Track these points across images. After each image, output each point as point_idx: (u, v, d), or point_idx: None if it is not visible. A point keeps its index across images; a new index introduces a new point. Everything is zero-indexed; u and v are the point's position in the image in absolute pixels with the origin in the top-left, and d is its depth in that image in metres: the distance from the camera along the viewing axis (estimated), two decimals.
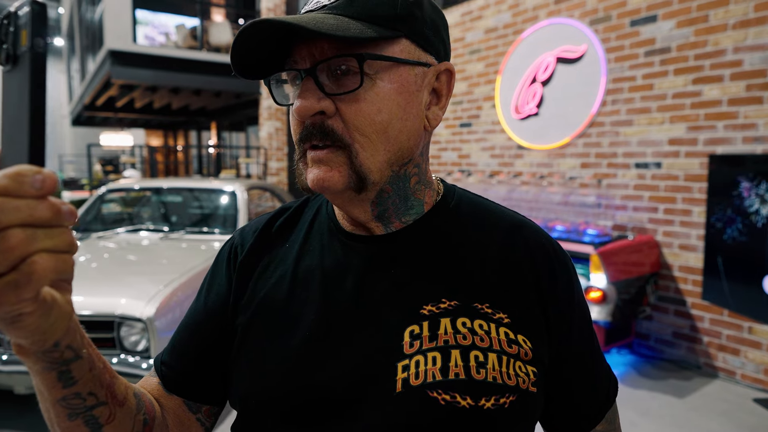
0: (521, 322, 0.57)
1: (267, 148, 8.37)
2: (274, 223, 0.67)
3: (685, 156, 3.26)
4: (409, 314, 0.56)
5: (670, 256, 3.36)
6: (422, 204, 0.61)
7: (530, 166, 4.27)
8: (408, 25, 0.53)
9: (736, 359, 3.06)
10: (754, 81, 2.91)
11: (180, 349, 0.65)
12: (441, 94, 0.59)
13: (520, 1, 4.36)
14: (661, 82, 3.36)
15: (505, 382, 0.53)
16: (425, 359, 0.53)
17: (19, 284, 0.32)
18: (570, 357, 0.61)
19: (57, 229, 0.34)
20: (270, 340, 0.59)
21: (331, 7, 0.52)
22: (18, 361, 2.41)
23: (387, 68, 0.52)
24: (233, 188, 4.04)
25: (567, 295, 0.61)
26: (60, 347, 0.42)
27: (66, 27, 16.06)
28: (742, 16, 2.95)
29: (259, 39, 0.52)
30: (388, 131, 0.53)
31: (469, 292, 0.57)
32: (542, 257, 0.61)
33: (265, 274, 0.63)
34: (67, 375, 0.44)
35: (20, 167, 0.33)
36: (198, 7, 8.98)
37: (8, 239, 0.31)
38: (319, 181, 0.53)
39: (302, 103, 0.52)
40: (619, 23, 3.59)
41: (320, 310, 0.57)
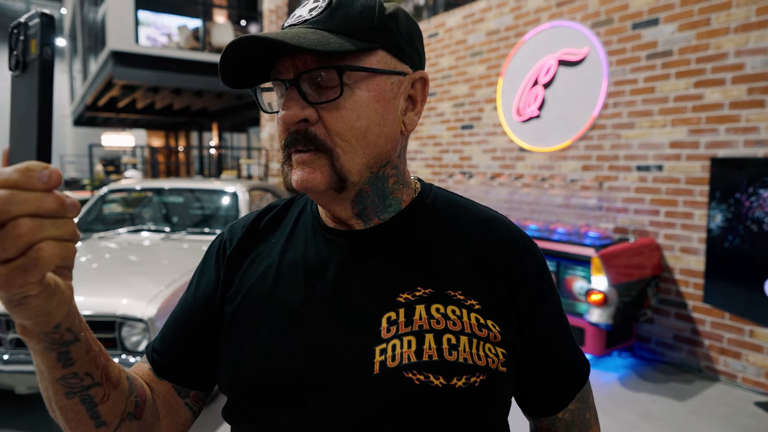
0: (491, 308, 0.61)
1: (268, 149, 8.37)
2: (261, 220, 0.72)
3: (686, 159, 3.26)
4: (386, 302, 0.60)
5: (672, 259, 3.36)
6: (400, 202, 0.66)
7: (531, 168, 4.28)
8: (384, 37, 0.58)
9: (738, 362, 3.06)
10: (756, 84, 2.91)
11: (170, 337, 0.69)
12: (416, 100, 0.63)
13: (522, 3, 4.36)
14: (663, 85, 3.36)
15: (476, 363, 0.57)
16: (401, 343, 0.57)
17: (27, 268, 0.35)
18: (541, 342, 0.66)
19: (61, 220, 0.37)
20: (253, 328, 0.62)
21: (312, 22, 0.57)
22: (19, 361, 2.42)
23: (365, 78, 0.57)
24: (234, 189, 4.05)
25: (537, 284, 0.66)
26: (60, 329, 0.45)
27: (68, 27, 16.09)
28: (743, 20, 2.95)
29: (245, 53, 0.56)
30: (367, 136, 0.58)
31: (443, 281, 0.61)
32: (512, 249, 0.66)
33: (252, 266, 0.67)
34: (66, 356, 0.48)
35: (29, 163, 0.36)
36: (200, 8, 9.00)
37: (18, 227, 0.34)
38: (303, 182, 0.58)
39: (287, 112, 0.56)
40: (621, 26, 3.59)
41: (302, 300, 0.62)
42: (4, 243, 0.34)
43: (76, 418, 0.54)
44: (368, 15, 0.57)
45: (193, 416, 0.70)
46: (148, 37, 8.71)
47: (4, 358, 2.42)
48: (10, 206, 0.34)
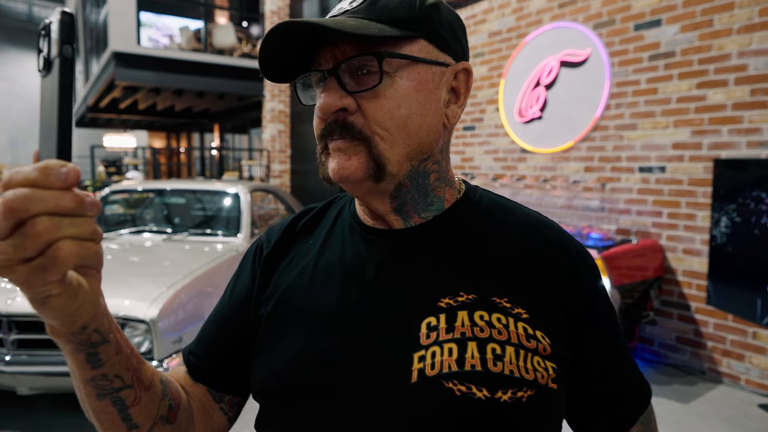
0: (540, 318, 0.57)
1: (270, 151, 8.38)
2: (299, 221, 0.70)
3: (689, 160, 3.25)
4: (426, 306, 0.57)
5: (674, 261, 3.35)
6: (442, 201, 0.63)
7: (534, 169, 4.27)
8: (425, 27, 0.56)
9: (741, 364, 3.05)
10: (759, 86, 2.91)
11: (206, 340, 0.68)
12: (459, 92, 0.61)
13: (524, 5, 4.36)
14: (666, 87, 3.35)
15: (523, 376, 0.53)
16: (441, 350, 0.54)
17: (46, 267, 0.35)
18: (597, 359, 0.61)
19: (80, 219, 0.36)
20: (288, 331, 0.61)
21: (352, 12, 0.56)
22: (21, 362, 2.42)
23: (405, 66, 0.55)
24: (236, 190, 4.05)
25: (590, 296, 0.61)
26: (88, 330, 0.45)
27: None
28: (746, 21, 2.94)
29: (284, 43, 0.55)
30: (408, 126, 0.55)
31: (488, 287, 0.58)
32: (563, 258, 0.61)
33: (288, 268, 0.65)
34: (95, 357, 0.48)
35: (48, 161, 0.36)
36: (202, 10, 9.01)
37: (36, 226, 0.34)
38: (339, 170, 0.56)
39: (325, 100, 0.55)
40: (623, 27, 3.59)
41: (338, 302, 0.59)
42: (24, 242, 0.34)
43: (108, 420, 0.54)
44: (409, 4, 0.56)
45: (228, 422, 0.68)
46: (150, 39, 8.72)
47: (6, 359, 2.42)
48: (29, 204, 0.34)
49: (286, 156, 8.48)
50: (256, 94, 8.48)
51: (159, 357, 2.41)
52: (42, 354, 2.44)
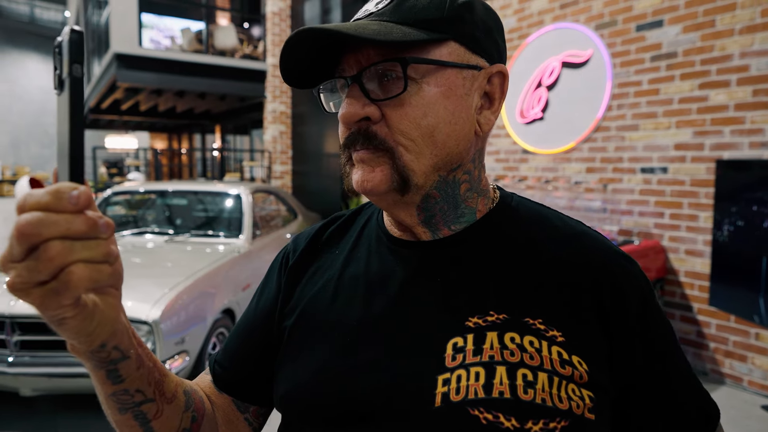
0: (577, 342, 0.52)
1: (271, 152, 8.38)
2: (326, 230, 0.68)
3: (691, 161, 3.25)
4: (453, 325, 0.53)
5: (676, 262, 3.34)
6: (474, 212, 0.59)
7: (535, 170, 4.27)
8: (456, 28, 0.53)
9: (743, 366, 3.04)
10: (761, 86, 2.90)
11: (232, 350, 0.67)
12: (493, 97, 0.57)
13: (526, 5, 4.36)
14: (668, 87, 3.35)
15: (556, 406, 0.48)
16: (467, 374, 0.50)
17: (59, 291, 0.35)
18: (649, 385, 0.54)
19: (93, 242, 0.36)
20: (309, 345, 0.59)
21: (377, 14, 0.53)
22: (24, 363, 2.42)
23: (433, 72, 0.52)
24: (238, 191, 4.05)
25: (639, 315, 0.54)
26: (107, 348, 0.45)
27: None
28: (748, 21, 2.94)
29: (305, 47, 0.53)
30: (435, 135, 0.52)
31: (521, 306, 0.53)
32: (606, 273, 0.55)
33: (313, 279, 0.64)
34: (115, 373, 0.47)
35: (59, 185, 0.36)
36: (203, 11, 9.02)
37: (48, 250, 0.34)
38: (363, 182, 0.54)
39: (347, 109, 0.53)
40: (625, 28, 3.59)
41: (361, 317, 0.57)
42: (38, 266, 0.34)
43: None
44: (438, 4, 0.52)
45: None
46: (152, 40, 8.73)
47: (9, 360, 2.42)
48: (41, 229, 0.34)
49: (288, 157, 8.49)
50: (257, 96, 8.49)
51: (161, 358, 2.41)
52: (44, 355, 2.45)
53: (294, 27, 8.19)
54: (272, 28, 8.21)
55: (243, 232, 3.72)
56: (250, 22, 10.42)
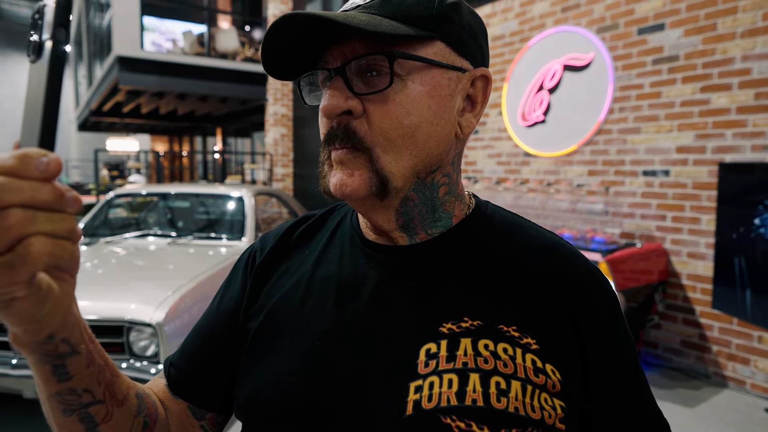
0: (551, 350, 0.52)
1: (273, 154, 8.39)
2: (296, 229, 0.66)
3: (693, 164, 3.26)
4: (426, 331, 0.52)
5: (679, 264, 3.35)
6: (451, 217, 0.58)
7: (537, 173, 4.27)
8: (444, 27, 0.52)
9: (746, 368, 3.04)
10: (763, 89, 2.91)
11: (189, 351, 0.64)
12: (476, 100, 0.57)
13: (527, 9, 4.38)
14: (669, 90, 3.36)
15: (529, 415, 0.48)
16: (440, 381, 0.49)
17: (14, 265, 0.31)
18: (609, 398, 0.55)
19: (58, 214, 0.33)
20: (275, 348, 0.56)
21: (365, 7, 0.52)
22: (27, 365, 2.42)
23: (419, 69, 0.51)
24: (241, 194, 4.06)
25: (607, 327, 0.55)
26: (55, 340, 0.40)
27: (74, 33, 16.21)
28: (750, 25, 2.95)
29: (289, 35, 0.51)
30: (416, 135, 0.51)
31: (495, 313, 0.53)
32: (579, 283, 0.56)
33: (281, 280, 0.61)
34: (62, 369, 0.43)
35: (27, 149, 0.32)
36: (205, 14, 9.05)
37: (7, 218, 0.30)
38: (341, 186, 0.52)
39: (329, 101, 0.51)
40: (627, 31, 3.60)
41: (332, 320, 0.55)
42: None
43: None
44: (427, 2, 0.51)
45: None
46: (153, 43, 8.75)
47: (12, 362, 2.42)
48: (2, 194, 0.30)
49: (289, 159, 8.50)
50: (258, 98, 8.50)
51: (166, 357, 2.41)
52: None
53: None
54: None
55: (246, 235, 3.73)
56: (251, 25, 10.45)
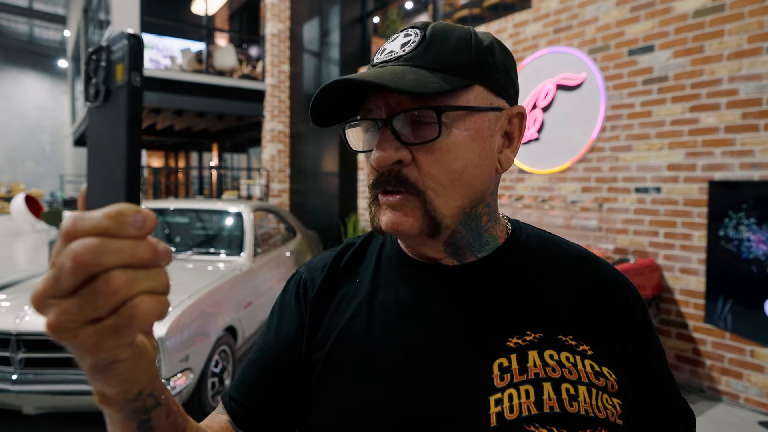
0: (604, 354, 0.57)
1: (269, 170, 8.45)
2: (341, 258, 0.67)
3: (684, 181, 3.33)
4: (495, 347, 0.55)
5: (672, 280, 3.40)
6: (496, 239, 0.62)
7: (532, 189, 4.34)
8: (481, 72, 0.55)
9: (739, 383, 3.08)
10: (750, 109, 3.00)
11: (250, 384, 0.64)
12: (513, 136, 0.60)
13: (521, 30, 4.49)
14: (659, 110, 3.45)
15: (597, 415, 0.53)
16: (518, 392, 0.53)
17: (120, 328, 0.31)
18: (651, 391, 0.61)
19: (155, 270, 0.32)
20: (352, 375, 0.58)
21: (406, 59, 0.54)
22: (27, 381, 2.42)
23: (462, 117, 0.54)
24: (239, 209, 4.09)
25: (644, 330, 0.61)
26: (143, 395, 0.40)
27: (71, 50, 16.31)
28: (736, 48, 3.06)
29: (337, 95, 0.54)
30: (463, 178, 0.55)
31: (552, 324, 0.57)
32: (617, 292, 0.62)
33: (339, 309, 0.63)
34: (147, 424, 0.43)
35: (120, 206, 0.31)
36: (203, 32, 9.17)
37: (111, 282, 0.29)
38: (393, 224, 0.55)
39: (381, 153, 0.53)
40: (618, 53, 3.70)
41: (402, 344, 0.57)
42: (95, 300, 0.29)
43: None
44: (465, 48, 0.54)
45: None
46: (151, 60, 8.85)
47: (13, 378, 2.43)
48: (102, 257, 0.29)
49: (286, 175, 8.55)
50: (255, 115, 8.59)
51: (166, 375, 2.42)
52: (48, 373, 2.45)
53: (293, 48, 8.34)
54: (271, 49, 8.36)
55: (245, 250, 3.76)
56: (249, 43, 10.58)
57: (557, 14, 4.16)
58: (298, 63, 8.15)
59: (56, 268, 0.30)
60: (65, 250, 0.30)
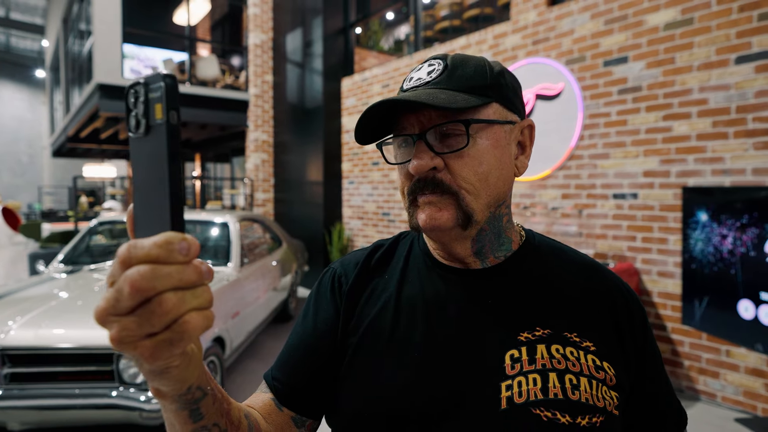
0: (605, 351, 0.64)
1: (254, 180, 8.44)
2: (372, 257, 0.76)
3: (659, 187, 3.45)
4: (507, 340, 0.63)
5: (649, 283, 3.50)
6: (511, 242, 0.70)
7: (514, 196, 4.43)
8: (497, 92, 0.65)
9: (717, 382, 3.18)
10: (719, 118, 3.13)
11: (292, 366, 0.71)
12: (525, 145, 0.70)
13: (500, 41, 4.60)
14: (634, 118, 3.57)
15: (596, 404, 0.60)
16: (526, 380, 0.60)
17: (173, 342, 0.36)
18: (643, 391, 0.67)
19: (200, 288, 0.37)
20: (378, 360, 0.66)
21: (434, 83, 0.64)
22: (12, 396, 2.40)
23: (485, 128, 0.63)
24: (225, 219, 4.09)
25: (642, 334, 0.69)
26: (192, 389, 0.47)
27: (50, 59, 16.09)
28: (705, 59, 3.19)
29: (377, 115, 0.64)
30: (489, 179, 0.63)
31: (559, 322, 0.65)
32: (621, 300, 0.69)
33: (370, 301, 0.71)
34: (197, 412, 0.50)
35: (168, 235, 0.36)
36: (186, 43, 9.16)
37: (164, 304, 0.35)
38: (430, 220, 0.63)
39: (419, 162, 0.62)
40: (594, 63, 3.82)
41: (426, 335, 0.65)
42: (151, 319, 0.35)
43: None
44: (481, 73, 0.64)
45: None
46: (132, 70, 8.80)
47: None
48: (155, 282, 0.34)
49: (270, 185, 8.55)
50: (239, 125, 8.58)
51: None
52: (34, 388, 2.43)
53: (276, 59, 8.38)
54: (254, 60, 8.38)
55: (231, 260, 3.76)
56: (231, 53, 10.58)
57: (535, 26, 4.28)
58: (282, 73, 8.19)
59: (116, 290, 0.35)
60: (123, 276, 0.35)
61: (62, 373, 2.44)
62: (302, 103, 7.46)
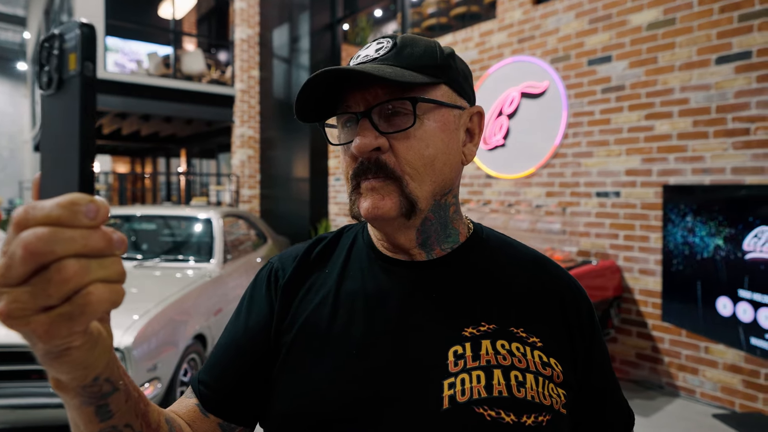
0: (552, 347, 0.62)
1: (239, 176, 8.37)
2: (312, 250, 0.71)
3: (641, 186, 3.48)
4: (451, 335, 0.60)
5: (631, 280, 3.54)
6: (458, 234, 0.67)
7: (499, 194, 4.45)
8: (446, 74, 0.62)
9: (695, 378, 3.23)
10: (700, 117, 3.17)
11: (220, 368, 0.66)
12: (474, 132, 0.67)
13: (486, 39, 4.61)
14: (617, 117, 3.60)
15: (542, 402, 0.57)
16: (470, 377, 0.57)
17: (73, 316, 0.31)
18: (591, 390, 0.65)
19: (109, 259, 0.32)
20: (313, 358, 0.61)
21: (381, 59, 0.60)
22: None
23: (432, 110, 0.60)
24: (209, 215, 4.05)
25: (589, 328, 0.67)
26: (99, 381, 0.41)
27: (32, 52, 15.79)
28: (686, 59, 3.22)
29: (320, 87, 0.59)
30: (435, 164, 0.60)
31: (505, 317, 0.62)
32: (569, 295, 0.67)
33: (307, 297, 0.66)
34: (105, 409, 0.44)
35: (73, 196, 0.31)
36: (171, 36, 9.04)
37: (63, 270, 0.30)
38: (372, 209, 0.59)
39: (362, 140, 0.58)
40: (578, 62, 3.85)
41: (364, 331, 0.61)
42: (48, 288, 0.30)
43: None
44: (431, 54, 0.61)
45: None
46: (116, 63, 8.66)
47: None
48: (54, 246, 0.29)
49: (256, 181, 8.49)
50: (224, 120, 8.50)
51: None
52: (10, 386, 2.38)
53: (263, 54, 8.30)
54: (240, 54, 8.30)
55: (214, 257, 3.73)
56: (217, 48, 10.47)
57: (521, 24, 4.29)
58: (268, 68, 8.12)
59: (7, 256, 0.30)
60: (16, 239, 0.30)
61: (34, 371, 2.40)
62: (289, 99, 7.42)
